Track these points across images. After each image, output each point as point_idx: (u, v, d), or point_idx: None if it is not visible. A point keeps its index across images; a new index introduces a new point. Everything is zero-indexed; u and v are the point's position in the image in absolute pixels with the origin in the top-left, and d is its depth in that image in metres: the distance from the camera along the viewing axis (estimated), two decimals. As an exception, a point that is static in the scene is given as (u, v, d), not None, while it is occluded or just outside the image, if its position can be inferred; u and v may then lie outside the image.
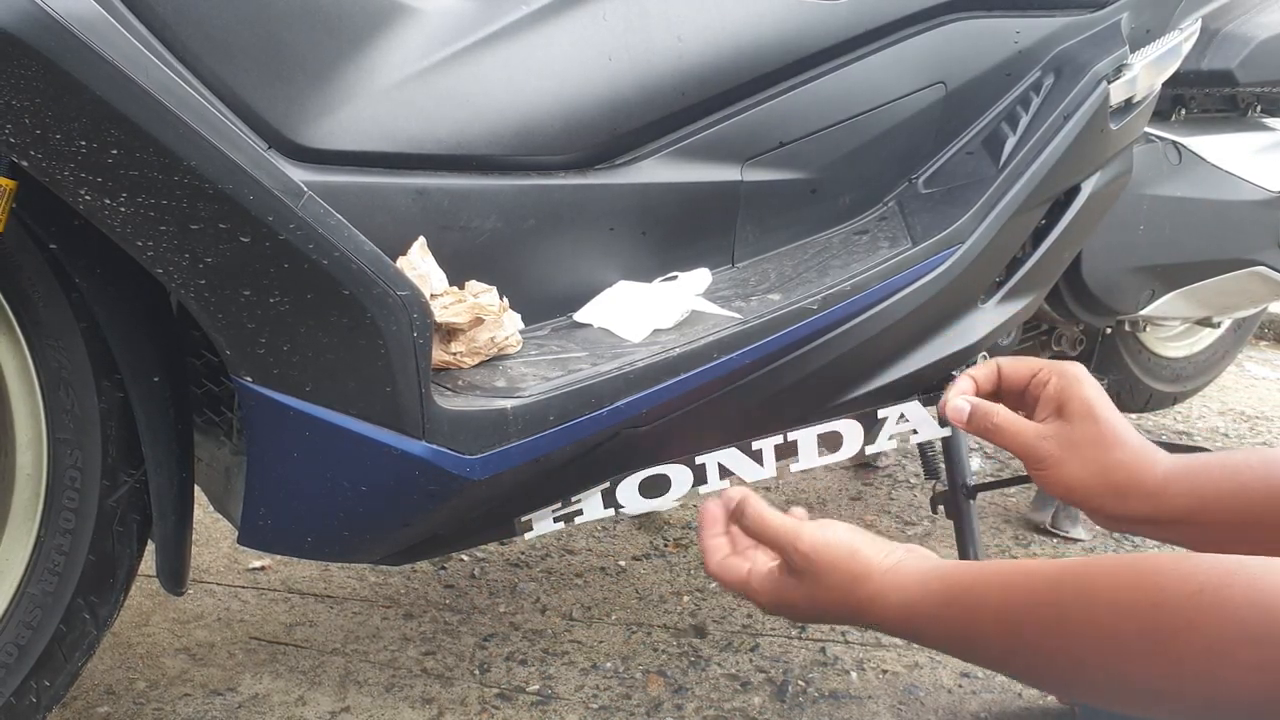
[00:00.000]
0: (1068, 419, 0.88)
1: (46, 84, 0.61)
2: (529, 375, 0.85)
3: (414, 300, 0.76)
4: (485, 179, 0.88)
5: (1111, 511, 0.86)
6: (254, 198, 0.69)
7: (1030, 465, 0.89)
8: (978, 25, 1.12)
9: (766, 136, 1.01)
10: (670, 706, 1.20)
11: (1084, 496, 0.87)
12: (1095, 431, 0.87)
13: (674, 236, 0.99)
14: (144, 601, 1.38)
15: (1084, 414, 0.88)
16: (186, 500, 0.89)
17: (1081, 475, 0.86)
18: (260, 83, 0.78)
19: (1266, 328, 3.08)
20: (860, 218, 1.11)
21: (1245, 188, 1.54)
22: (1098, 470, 0.86)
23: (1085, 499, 0.87)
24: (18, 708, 0.88)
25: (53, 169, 0.65)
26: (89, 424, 0.85)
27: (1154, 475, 0.84)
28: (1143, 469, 0.85)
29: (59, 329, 0.82)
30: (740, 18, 0.98)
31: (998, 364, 0.96)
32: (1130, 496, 0.85)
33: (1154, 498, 0.84)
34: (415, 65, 0.85)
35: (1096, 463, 0.86)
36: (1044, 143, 1.11)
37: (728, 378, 0.92)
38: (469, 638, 1.34)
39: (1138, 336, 1.81)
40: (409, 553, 0.94)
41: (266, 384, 0.75)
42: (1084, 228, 1.23)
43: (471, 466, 0.81)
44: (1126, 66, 1.17)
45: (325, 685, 1.22)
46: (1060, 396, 0.89)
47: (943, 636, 0.75)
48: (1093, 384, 0.90)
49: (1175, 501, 0.83)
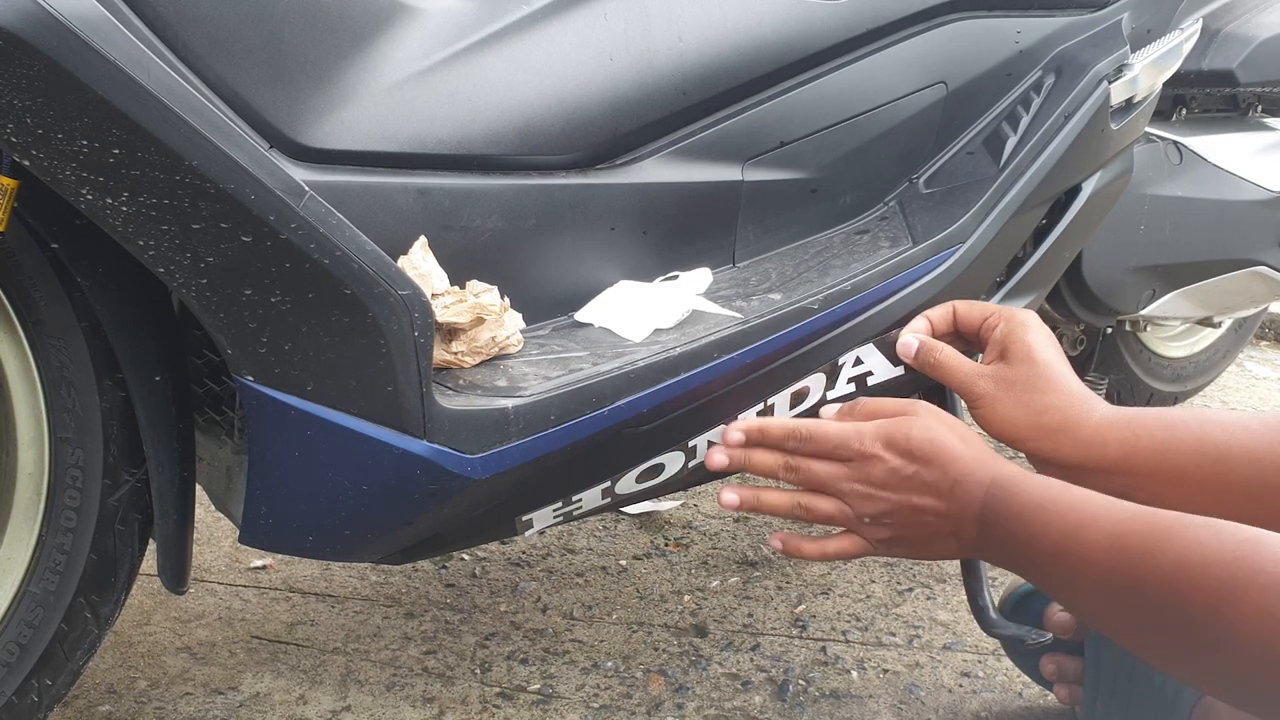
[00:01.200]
0: (1008, 361, 0.91)
1: (48, 83, 0.62)
2: (530, 375, 0.85)
3: (415, 300, 0.76)
4: (486, 179, 0.88)
5: (1042, 453, 0.89)
6: (255, 197, 0.69)
7: (968, 402, 0.93)
8: (978, 25, 1.12)
9: (767, 136, 1.01)
10: (671, 706, 1.20)
11: (1015, 436, 0.90)
12: (1031, 373, 0.90)
13: (675, 236, 0.99)
14: (145, 600, 1.38)
15: (1023, 356, 0.91)
16: (188, 499, 0.89)
17: (1014, 415, 0.89)
18: (262, 82, 0.78)
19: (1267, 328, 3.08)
20: (861, 217, 1.11)
21: (1246, 188, 1.54)
22: (1030, 411, 0.89)
23: (1016, 438, 0.90)
24: (19, 706, 0.88)
25: (54, 168, 0.65)
26: (90, 423, 0.85)
27: (1088, 421, 0.86)
28: (1077, 414, 0.87)
29: (61, 328, 0.82)
30: (741, 17, 0.98)
31: (953, 306, 1.00)
32: (1061, 439, 0.87)
33: (1085, 444, 0.86)
34: (417, 65, 0.85)
35: (1030, 405, 0.89)
36: (1045, 142, 1.11)
37: (729, 377, 0.92)
38: (470, 637, 1.34)
39: (1138, 336, 1.82)
40: (410, 552, 0.94)
41: (268, 383, 0.75)
42: (1085, 228, 1.23)
43: (473, 465, 0.81)
44: (1127, 66, 1.17)
45: (326, 684, 1.23)
46: (1005, 340, 0.93)
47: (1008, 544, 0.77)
48: (1040, 329, 0.93)
49: (1107, 449, 0.85)
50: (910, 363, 0.98)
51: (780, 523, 1.72)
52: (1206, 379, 2.01)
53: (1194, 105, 1.55)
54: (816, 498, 0.89)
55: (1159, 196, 1.45)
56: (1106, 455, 0.85)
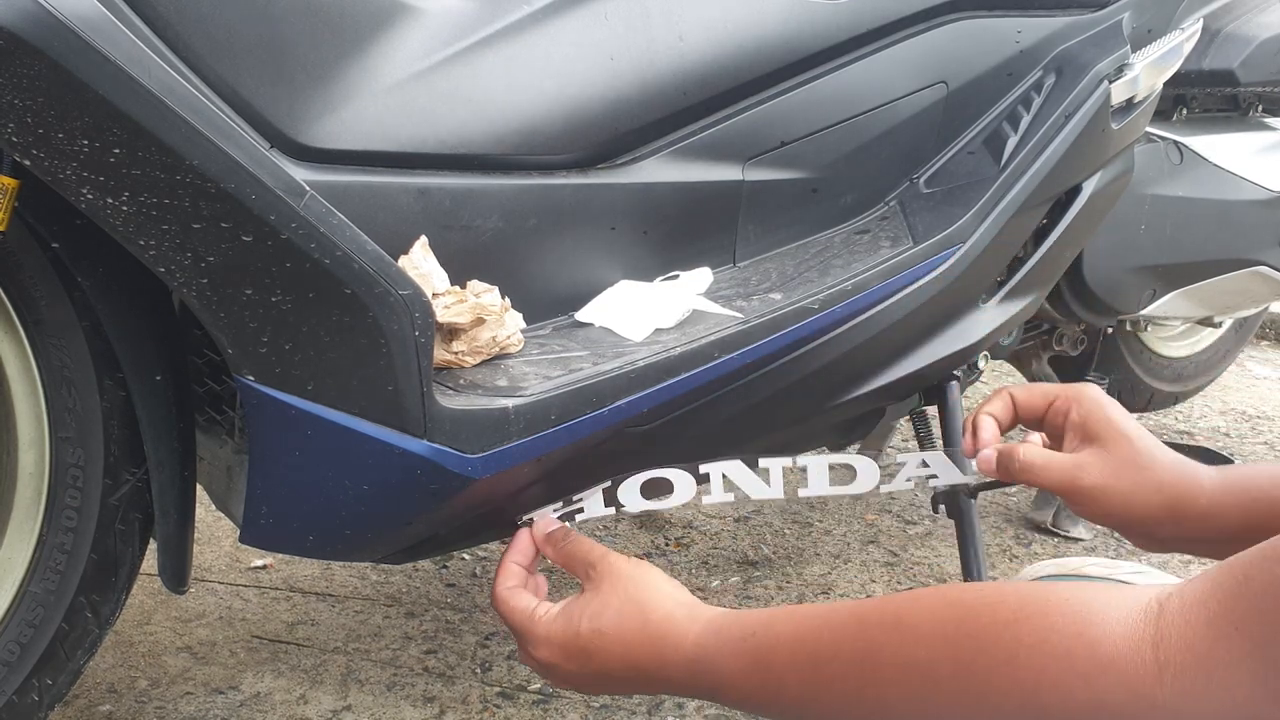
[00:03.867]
0: (1100, 444, 0.83)
1: (49, 83, 0.62)
2: (530, 374, 0.85)
3: (416, 299, 0.76)
4: (487, 178, 0.88)
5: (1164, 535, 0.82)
6: (256, 197, 0.69)
7: (1073, 499, 0.84)
8: (979, 25, 1.12)
9: (768, 136, 1.01)
10: (671, 705, 1.20)
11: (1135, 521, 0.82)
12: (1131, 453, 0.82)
13: (675, 236, 0.99)
14: (146, 600, 1.38)
15: (1116, 436, 0.83)
16: (188, 499, 0.89)
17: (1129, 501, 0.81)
18: (262, 82, 0.78)
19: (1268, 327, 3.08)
20: (861, 217, 1.11)
21: (1246, 187, 1.54)
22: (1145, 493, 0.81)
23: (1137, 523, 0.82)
24: (20, 706, 0.88)
25: (55, 168, 0.65)
26: (91, 422, 0.85)
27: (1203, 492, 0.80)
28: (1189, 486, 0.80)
29: (61, 327, 0.82)
30: (742, 17, 0.98)
31: (1009, 393, 0.91)
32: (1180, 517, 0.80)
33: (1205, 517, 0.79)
34: (417, 64, 0.85)
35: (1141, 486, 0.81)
36: (1045, 142, 1.11)
37: (729, 377, 0.92)
38: (470, 636, 1.34)
39: (1139, 336, 1.81)
40: (410, 551, 0.94)
41: (268, 383, 0.75)
42: (1085, 227, 1.23)
43: (473, 465, 0.81)
44: (1128, 66, 1.17)
45: (327, 684, 1.23)
46: (1084, 421, 0.85)
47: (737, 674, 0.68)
48: (1114, 404, 0.86)
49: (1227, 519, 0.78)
50: (993, 476, 0.89)
51: (781, 523, 1.72)
52: (1207, 379, 2.01)
53: (1194, 105, 1.55)
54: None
55: (1159, 196, 1.45)
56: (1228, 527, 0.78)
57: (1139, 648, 0.51)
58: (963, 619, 0.58)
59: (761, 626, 0.68)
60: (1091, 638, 0.52)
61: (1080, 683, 0.52)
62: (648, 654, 0.72)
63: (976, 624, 0.57)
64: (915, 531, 1.73)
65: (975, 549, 1.14)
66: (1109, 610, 0.53)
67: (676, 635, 0.72)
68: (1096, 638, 0.52)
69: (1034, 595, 0.56)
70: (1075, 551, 1.65)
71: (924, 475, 0.97)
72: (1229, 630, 0.48)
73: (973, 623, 0.57)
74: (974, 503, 1.14)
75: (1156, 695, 0.50)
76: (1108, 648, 0.52)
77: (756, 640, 0.67)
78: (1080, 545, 1.67)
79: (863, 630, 0.62)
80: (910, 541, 1.69)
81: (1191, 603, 0.51)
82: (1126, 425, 0.83)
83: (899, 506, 1.82)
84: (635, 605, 0.74)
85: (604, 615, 0.74)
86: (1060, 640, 0.53)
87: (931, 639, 0.58)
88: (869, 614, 0.63)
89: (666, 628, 0.72)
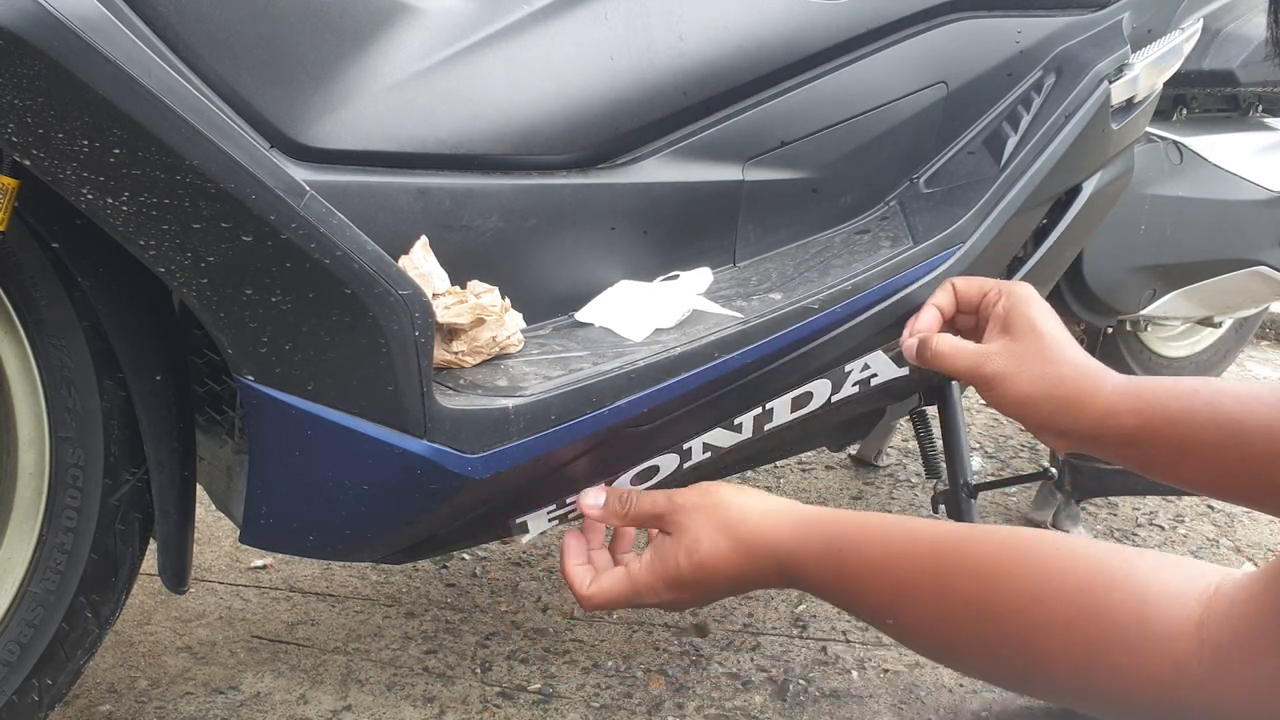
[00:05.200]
0: (1012, 336, 0.89)
1: (49, 83, 0.62)
2: (530, 374, 0.85)
3: (416, 299, 0.76)
4: (487, 178, 0.88)
5: (1060, 427, 0.86)
6: (256, 197, 0.69)
7: (979, 386, 0.90)
8: (979, 25, 1.12)
9: (768, 136, 1.01)
10: (671, 705, 1.20)
11: (1033, 411, 0.87)
12: (1039, 346, 0.87)
13: (675, 236, 0.99)
14: (146, 600, 1.38)
15: (1028, 329, 0.88)
16: (188, 499, 0.89)
17: (1029, 390, 0.86)
18: (262, 82, 0.78)
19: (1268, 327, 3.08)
20: (862, 217, 1.11)
21: (1246, 187, 1.54)
22: (1045, 384, 0.86)
23: (1034, 413, 0.87)
24: (20, 706, 0.88)
25: (55, 168, 0.65)
26: (91, 422, 0.85)
27: (1103, 391, 0.84)
28: (1091, 385, 0.85)
29: (61, 327, 0.82)
30: (742, 17, 0.98)
31: (951, 283, 0.97)
32: (1079, 412, 0.84)
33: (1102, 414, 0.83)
34: (417, 64, 0.85)
35: (1044, 377, 0.86)
36: (1045, 142, 1.11)
37: (729, 377, 0.92)
38: (470, 636, 1.34)
39: (1139, 336, 1.82)
40: (410, 551, 0.94)
41: (268, 383, 0.75)
42: (1085, 227, 1.23)
43: (473, 465, 0.81)
44: (1128, 66, 1.17)
45: (327, 684, 1.23)
46: (1007, 315, 0.90)
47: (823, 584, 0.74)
48: (1039, 303, 0.90)
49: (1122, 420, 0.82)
50: (914, 362, 0.96)
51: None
52: (1207, 379, 2.01)
53: (1194, 105, 1.55)
54: None
55: (1159, 196, 1.45)
56: (1123, 426, 0.82)
57: (1185, 626, 0.54)
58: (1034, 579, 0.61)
59: (847, 541, 0.73)
60: (1145, 615, 0.56)
61: (1128, 657, 0.55)
62: (746, 567, 0.77)
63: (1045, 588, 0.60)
64: (915, 531, 1.73)
65: (975, 549, 1.14)
66: (1168, 589, 0.56)
67: (769, 545, 0.76)
68: (1149, 615, 0.55)
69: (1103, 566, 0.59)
70: (1075, 551, 1.65)
71: (867, 376, 1.01)
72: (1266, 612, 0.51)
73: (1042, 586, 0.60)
74: (974, 503, 1.15)
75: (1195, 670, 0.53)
76: (1157, 625, 0.55)
77: (841, 555, 0.72)
78: (1080, 545, 1.67)
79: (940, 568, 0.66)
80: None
81: (1243, 587, 0.54)
82: (1042, 321, 0.88)
83: (899, 506, 1.82)
84: (724, 531, 0.78)
85: (698, 549, 0.78)
86: (1117, 615, 0.56)
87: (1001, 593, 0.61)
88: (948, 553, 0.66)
89: (758, 540, 0.77)
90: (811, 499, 1.82)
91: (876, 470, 1.95)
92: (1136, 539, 1.73)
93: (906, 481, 1.92)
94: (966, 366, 0.90)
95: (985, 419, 2.21)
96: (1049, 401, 0.86)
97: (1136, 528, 1.80)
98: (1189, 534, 1.78)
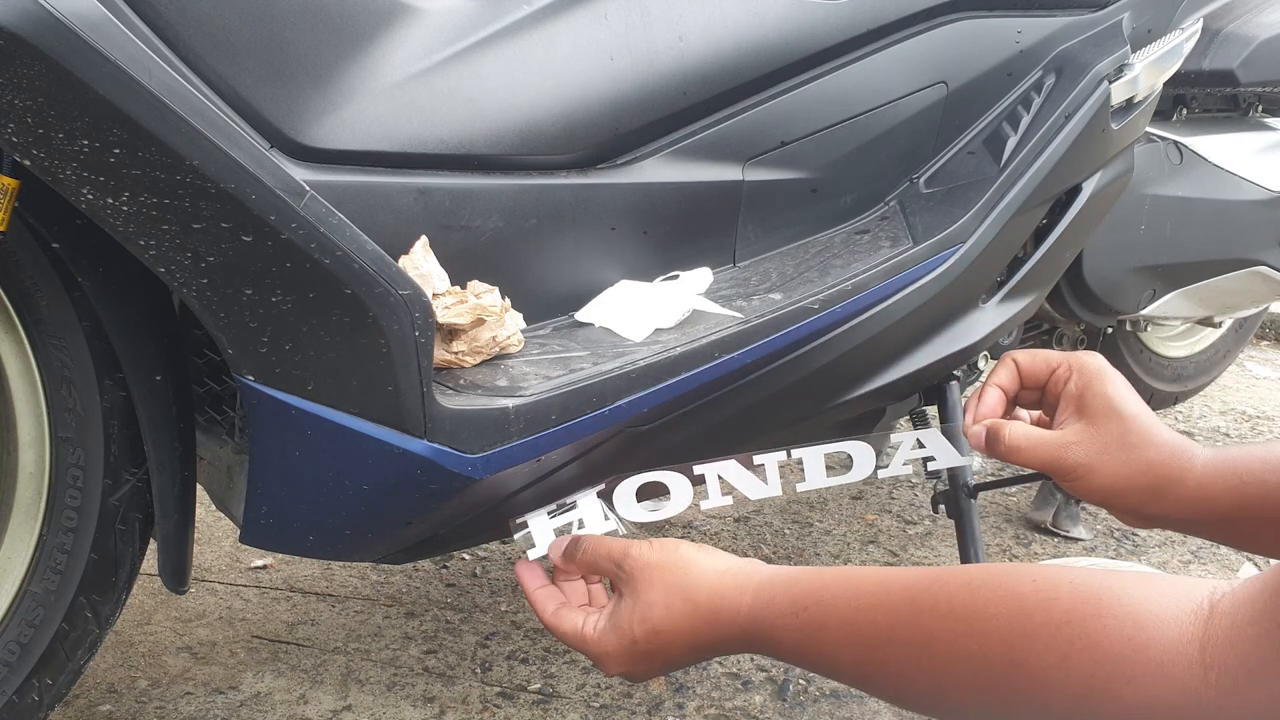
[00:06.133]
0: (1090, 420, 0.82)
1: (49, 83, 0.62)
2: (531, 374, 0.85)
3: (416, 299, 0.76)
4: (487, 178, 0.88)
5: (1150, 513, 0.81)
6: (256, 197, 0.69)
7: (1059, 478, 0.83)
8: (979, 25, 1.12)
9: (768, 136, 1.01)
10: (671, 705, 1.20)
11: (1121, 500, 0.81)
12: (1121, 430, 0.81)
13: (675, 236, 0.99)
14: (146, 600, 1.38)
15: (1107, 412, 0.81)
16: (188, 499, 0.89)
17: (1115, 479, 0.80)
18: (262, 82, 0.78)
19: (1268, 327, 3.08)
20: (861, 217, 1.11)
21: (1246, 187, 1.54)
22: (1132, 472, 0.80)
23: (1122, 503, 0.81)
24: (20, 706, 0.88)
25: (55, 168, 0.65)
26: (91, 422, 0.85)
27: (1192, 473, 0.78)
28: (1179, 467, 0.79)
29: (61, 328, 0.82)
30: (742, 17, 0.98)
31: (1013, 359, 0.90)
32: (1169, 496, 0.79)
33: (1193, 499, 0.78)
34: (417, 65, 0.85)
35: (1130, 464, 0.80)
36: (1045, 142, 1.11)
37: (729, 377, 0.92)
38: (470, 636, 1.34)
39: (1139, 336, 1.82)
40: (411, 551, 0.94)
41: (269, 383, 0.75)
42: (1085, 227, 1.23)
43: (473, 465, 0.81)
44: (1128, 66, 1.17)
45: (327, 684, 1.23)
46: (1081, 395, 0.83)
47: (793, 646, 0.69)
48: (1115, 377, 0.84)
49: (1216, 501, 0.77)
50: (984, 453, 0.88)
51: (781, 523, 1.72)
52: (1207, 379, 2.01)
53: (1194, 105, 1.55)
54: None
55: (1159, 196, 1.45)
56: (1217, 509, 0.77)
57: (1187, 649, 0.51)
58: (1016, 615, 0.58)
59: (813, 600, 0.68)
60: (1142, 641, 0.53)
61: (1129, 688, 0.53)
62: (705, 634, 0.73)
63: (1030, 623, 0.57)
64: (915, 531, 1.73)
65: (975, 549, 1.14)
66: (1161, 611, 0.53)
67: (729, 610, 0.72)
68: (1146, 641, 0.53)
69: (1088, 594, 0.56)
70: (1075, 551, 1.65)
71: (920, 457, 0.97)
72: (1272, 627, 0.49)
73: (1026, 621, 0.57)
74: (974, 503, 1.15)
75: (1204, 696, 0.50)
76: (1156, 651, 0.52)
77: (809, 615, 0.68)
78: (1080, 545, 1.68)
79: (916, 617, 0.62)
80: (910, 541, 1.69)
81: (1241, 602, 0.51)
82: (1122, 401, 0.82)
83: (899, 506, 1.82)
84: (679, 594, 0.74)
85: (652, 614, 0.74)
86: (1111, 645, 0.54)
87: (985, 634, 0.58)
88: (922, 599, 0.63)
89: (717, 604, 0.72)
90: (812, 499, 1.82)
91: (876, 470, 1.95)
92: (1136, 539, 1.73)
93: (907, 482, 1.92)
94: (1046, 460, 0.83)
95: (985, 419, 2.21)
96: (1137, 491, 0.80)
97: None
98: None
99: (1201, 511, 0.78)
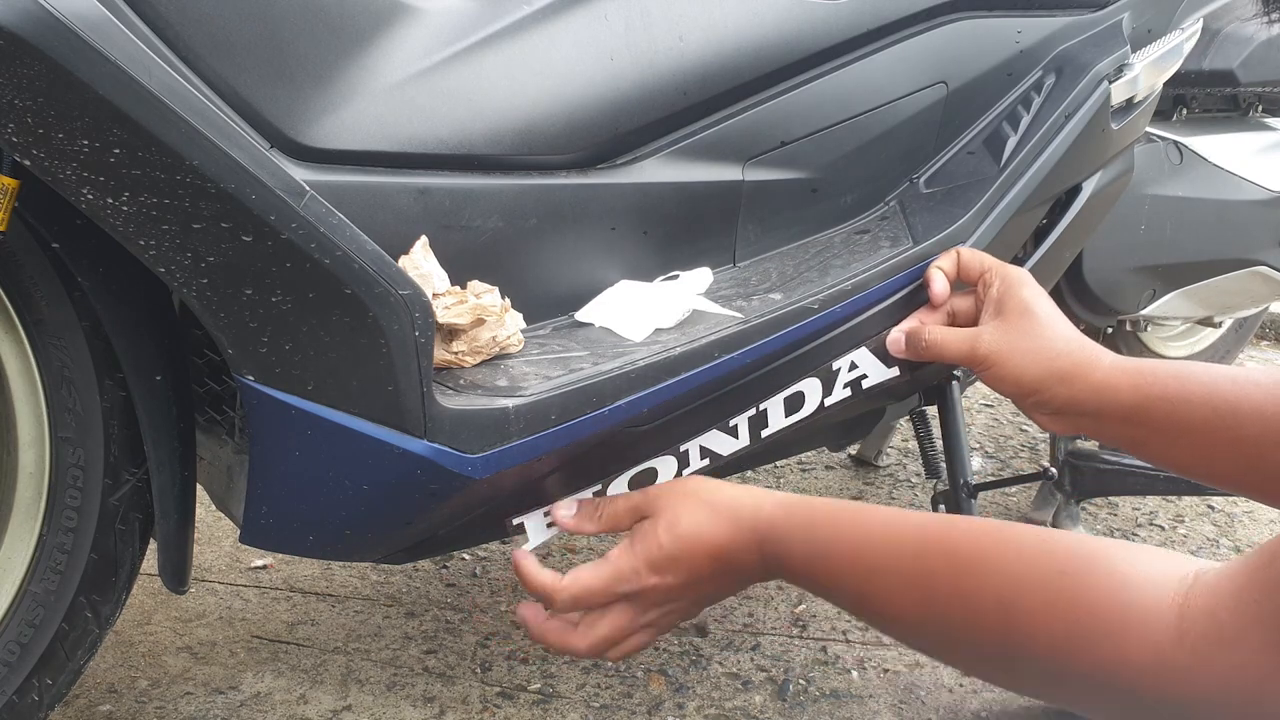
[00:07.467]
0: (1005, 317, 0.90)
1: (49, 83, 0.62)
2: (530, 374, 0.85)
3: (416, 299, 0.76)
4: (487, 178, 0.88)
5: (1057, 403, 0.87)
6: (256, 197, 0.69)
7: (974, 367, 0.91)
8: (979, 25, 1.12)
9: (768, 136, 1.01)
10: (671, 705, 1.20)
11: (1029, 388, 0.88)
12: (1032, 325, 0.89)
13: (675, 236, 0.99)
14: (146, 600, 1.38)
15: (1021, 310, 0.90)
16: (189, 499, 0.89)
17: (1024, 366, 0.88)
18: (262, 82, 0.78)
19: (1268, 327, 3.08)
20: (861, 217, 1.11)
21: (1246, 187, 1.54)
22: (1041, 359, 0.87)
23: (1031, 390, 0.88)
24: (20, 706, 0.88)
25: (55, 168, 0.65)
26: (91, 422, 0.85)
27: (1100, 365, 0.85)
28: (1088, 359, 0.86)
29: (61, 328, 0.83)
30: (742, 17, 0.98)
31: (958, 251, 0.99)
32: (1076, 385, 0.85)
33: (1099, 388, 0.84)
34: (417, 64, 0.85)
35: (1039, 353, 0.88)
36: (1045, 142, 1.11)
37: (729, 377, 0.92)
38: (470, 636, 1.34)
39: (1139, 336, 1.82)
40: (410, 551, 0.94)
41: (269, 383, 0.75)
42: (1085, 227, 1.23)
43: (473, 465, 0.81)
44: (1128, 66, 1.17)
45: (327, 684, 1.23)
46: (1001, 296, 0.92)
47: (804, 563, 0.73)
48: (1032, 285, 0.92)
49: (1120, 395, 0.83)
50: (904, 355, 0.97)
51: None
52: (1207, 379, 2.01)
53: (1194, 105, 1.55)
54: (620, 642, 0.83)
55: (1159, 196, 1.45)
56: (1120, 401, 0.83)
57: (1166, 614, 0.54)
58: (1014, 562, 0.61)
59: (827, 521, 0.73)
60: (1125, 599, 0.55)
61: (1107, 641, 0.55)
62: (725, 537, 0.77)
63: (1027, 571, 0.60)
64: (915, 531, 1.73)
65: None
66: (1148, 576, 0.56)
67: (749, 513, 0.77)
68: (1129, 600, 0.55)
69: (1084, 552, 0.59)
70: (1075, 551, 1.65)
71: (856, 376, 1.01)
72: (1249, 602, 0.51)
73: (1024, 569, 0.60)
74: (974, 503, 1.15)
75: (1175, 658, 0.53)
76: (1138, 611, 0.55)
77: (821, 532, 0.73)
78: (1080, 545, 1.67)
79: (923, 551, 0.66)
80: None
81: (1223, 577, 0.54)
82: (1034, 302, 0.90)
83: (899, 506, 1.82)
84: (701, 504, 0.79)
85: (678, 524, 0.79)
86: (1097, 598, 0.56)
87: (984, 574, 0.62)
88: (931, 537, 0.67)
89: (735, 507, 0.78)
90: (811, 499, 1.82)
91: (876, 470, 1.95)
92: (1136, 539, 1.73)
93: (906, 481, 1.92)
94: (959, 349, 0.92)
95: (985, 419, 2.21)
96: (1047, 376, 0.87)
97: (1136, 527, 1.80)
98: (1189, 534, 1.78)
99: (1106, 402, 0.84)
